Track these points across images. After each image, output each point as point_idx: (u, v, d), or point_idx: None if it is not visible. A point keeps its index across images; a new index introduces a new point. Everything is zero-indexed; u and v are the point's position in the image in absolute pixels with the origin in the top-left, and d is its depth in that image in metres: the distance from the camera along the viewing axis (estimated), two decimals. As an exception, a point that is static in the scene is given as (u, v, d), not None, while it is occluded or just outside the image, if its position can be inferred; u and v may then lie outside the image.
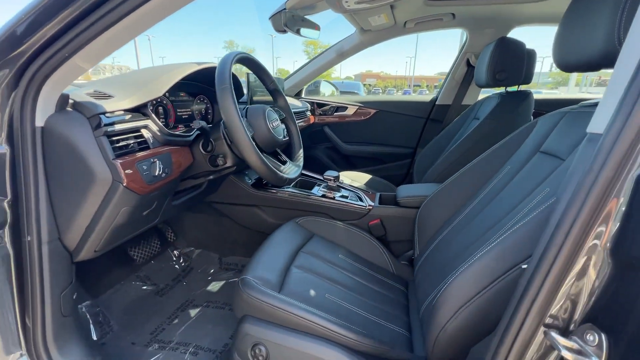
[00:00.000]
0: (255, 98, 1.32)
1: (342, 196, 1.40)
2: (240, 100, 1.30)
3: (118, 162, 0.69)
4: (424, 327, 0.80)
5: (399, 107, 2.22)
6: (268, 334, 0.77)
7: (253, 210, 1.42)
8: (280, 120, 1.20)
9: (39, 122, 0.66)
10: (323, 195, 1.37)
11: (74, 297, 0.83)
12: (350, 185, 1.51)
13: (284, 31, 1.23)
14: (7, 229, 0.68)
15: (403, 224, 1.33)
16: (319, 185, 1.46)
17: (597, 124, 0.45)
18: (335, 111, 2.27)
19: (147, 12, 0.60)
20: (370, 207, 1.34)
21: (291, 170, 1.02)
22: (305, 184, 1.54)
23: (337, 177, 1.40)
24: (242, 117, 0.94)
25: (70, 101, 0.70)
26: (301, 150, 1.18)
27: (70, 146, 0.67)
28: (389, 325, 0.93)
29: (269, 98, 1.24)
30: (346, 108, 2.24)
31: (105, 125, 0.69)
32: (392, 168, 2.29)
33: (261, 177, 1.05)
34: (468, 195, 1.08)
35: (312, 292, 0.94)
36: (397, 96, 2.34)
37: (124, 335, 1.10)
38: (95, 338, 1.06)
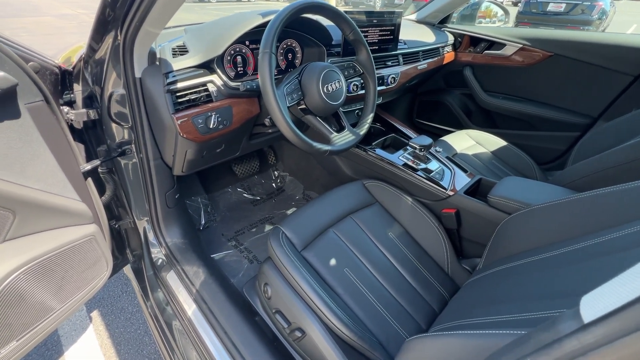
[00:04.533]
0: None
1: (426, 169, 1.21)
2: (334, 43, 1.20)
3: (174, 116, 0.84)
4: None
5: (593, 52, 1.46)
6: (275, 282, 0.90)
7: (333, 158, 1.44)
8: (358, 76, 1.07)
9: (137, 73, 0.86)
10: (405, 164, 1.23)
11: (177, 196, 1.17)
12: (447, 158, 1.27)
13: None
14: (132, 146, 1.00)
15: (485, 225, 1.07)
16: (407, 149, 1.30)
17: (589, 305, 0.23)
18: (487, 49, 1.73)
19: None
20: (451, 194, 1.12)
21: (342, 140, 0.95)
22: (395, 142, 1.39)
23: (427, 146, 1.19)
24: (296, 77, 0.91)
25: (158, 56, 0.86)
26: (370, 116, 1.04)
27: (152, 97, 0.86)
28: (396, 326, 0.89)
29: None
30: (503, 46, 1.66)
31: (168, 83, 0.83)
32: (545, 139, 1.69)
33: None
34: (580, 231, 0.74)
35: (333, 262, 0.97)
36: (600, 35, 1.50)
37: (220, 226, 1.50)
38: (203, 222, 1.50)
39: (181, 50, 0.90)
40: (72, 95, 0.95)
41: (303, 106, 0.92)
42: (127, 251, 1.28)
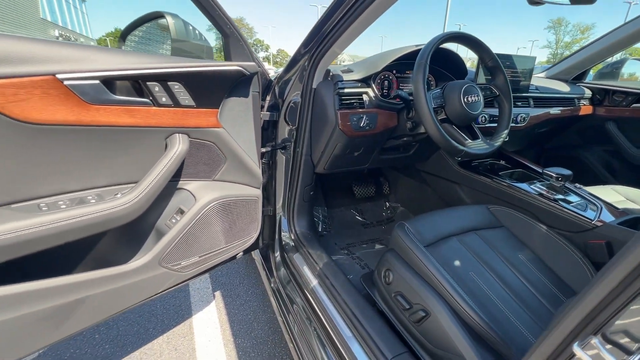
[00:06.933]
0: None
1: (565, 200, 1.14)
2: (466, 79, 1.35)
3: (338, 112, 1.09)
4: None
5: None
6: (398, 267, 0.94)
7: (454, 186, 1.48)
8: (493, 97, 1.16)
9: (314, 85, 1.16)
10: (540, 194, 1.18)
11: (311, 193, 1.38)
12: (589, 193, 1.17)
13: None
14: (292, 143, 1.28)
15: None
16: (540, 181, 1.25)
17: None
18: (637, 101, 1.61)
19: (372, 10, 0.89)
20: (599, 224, 1.02)
21: (477, 146, 1.02)
22: (524, 176, 1.36)
23: (565, 177, 1.14)
24: (440, 88, 1.07)
25: (330, 73, 1.16)
26: (505, 132, 1.09)
27: (322, 99, 1.13)
28: (520, 327, 0.81)
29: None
30: (659, 98, 1.53)
31: (338, 88, 1.10)
32: None
33: (448, 151, 1.11)
34: None
35: (457, 263, 0.97)
36: None
37: (333, 237, 1.64)
38: (319, 230, 1.66)
39: (346, 70, 1.19)
40: (263, 102, 1.32)
41: (442, 116, 1.06)
42: (261, 238, 1.51)
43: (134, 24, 0.95)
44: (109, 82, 0.70)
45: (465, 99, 1.01)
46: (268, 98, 1.35)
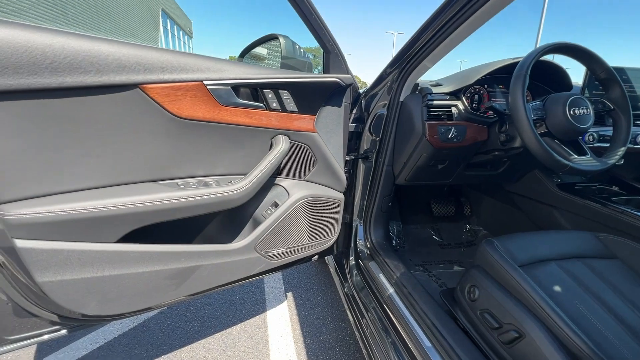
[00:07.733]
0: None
1: None
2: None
3: (427, 123, 1.10)
4: None
5: None
6: (486, 284, 0.89)
7: (551, 211, 1.33)
8: (606, 112, 1.05)
9: (401, 98, 1.21)
10: None
11: (389, 204, 1.39)
12: None
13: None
14: (374, 154, 1.33)
15: None
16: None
17: None
18: None
19: (464, 28, 0.92)
20: None
21: (585, 162, 0.92)
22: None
23: None
24: (540, 100, 1.01)
25: (418, 87, 1.20)
26: (621, 149, 0.96)
27: (410, 111, 1.17)
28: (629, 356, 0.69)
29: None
30: None
31: (427, 100, 1.12)
32: None
33: (550, 168, 1.00)
34: None
35: (557, 289, 0.88)
36: None
37: (408, 253, 1.60)
38: (393, 244, 1.64)
39: (435, 84, 1.21)
40: (350, 114, 1.41)
41: (542, 130, 0.99)
42: (336, 244, 1.56)
43: (253, 44, 1.13)
44: (236, 88, 0.86)
45: (571, 112, 0.94)
46: (354, 111, 1.44)
